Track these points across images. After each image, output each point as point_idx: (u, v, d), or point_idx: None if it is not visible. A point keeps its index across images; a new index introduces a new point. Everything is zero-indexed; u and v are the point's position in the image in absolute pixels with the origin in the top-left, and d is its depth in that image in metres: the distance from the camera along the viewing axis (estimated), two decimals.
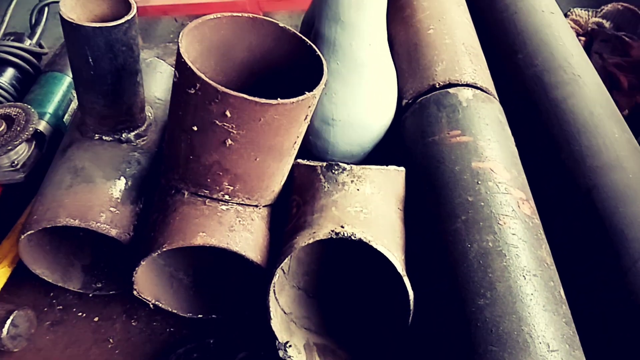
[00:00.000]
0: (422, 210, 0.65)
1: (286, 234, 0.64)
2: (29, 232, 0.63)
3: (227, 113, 0.53)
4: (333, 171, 0.64)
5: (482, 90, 0.75)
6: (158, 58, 0.89)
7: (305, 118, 0.58)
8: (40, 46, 1.08)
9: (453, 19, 0.87)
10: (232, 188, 0.62)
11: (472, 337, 0.51)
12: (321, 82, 0.57)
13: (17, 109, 0.82)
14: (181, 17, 1.76)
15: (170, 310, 0.68)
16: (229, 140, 0.56)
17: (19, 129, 0.79)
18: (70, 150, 0.70)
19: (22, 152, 0.82)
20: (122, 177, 0.68)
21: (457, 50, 0.80)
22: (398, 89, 0.79)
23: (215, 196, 0.62)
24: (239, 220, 0.63)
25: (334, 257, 0.69)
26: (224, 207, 0.63)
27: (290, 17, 3.29)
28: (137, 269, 0.61)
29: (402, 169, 0.68)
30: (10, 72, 0.98)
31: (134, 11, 0.63)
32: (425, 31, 0.84)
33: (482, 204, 0.60)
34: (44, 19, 1.09)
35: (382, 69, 0.74)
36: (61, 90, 0.94)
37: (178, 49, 0.54)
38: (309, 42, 0.62)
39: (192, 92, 0.53)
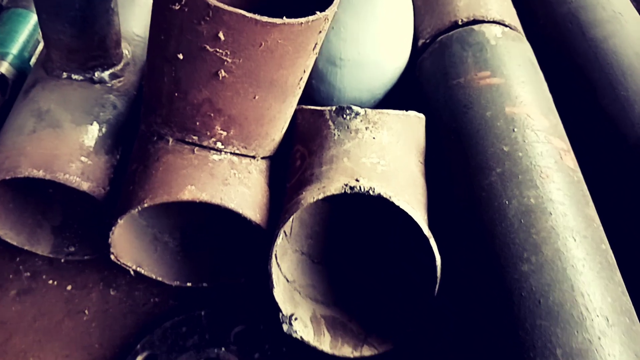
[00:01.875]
0: (447, 162, 0.56)
1: (289, 190, 0.55)
2: None
3: (221, 35, 0.43)
4: (344, 116, 0.55)
5: (510, 27, 0.66)
6: None
7: (315, 47, 0.48)
8: None
9: None
10: (225, 133, 0.52)
11: (516, 309, 0.43)
12: (334, 2, 0.47)
13: None
14: None
15: (154, 277, 0.59)
16: (223, 71, 0.46)
17: None
18: (34, 91, 0.60)
19: None
20: (94, 123, 0.58)
21: None
22: (414, 26, 0.69)
23: (205, 143, 0.53)
24: (234, 173, 0.53)
25: (341, 217, 0.60)
26: (216, 157, 0.53)
27: None
28: (113, 228, 0.52)
29: (422, 115, 0.59)
30: None
31: None
32: None
33: (520, 154, 0.51)
34: None
35: (398, 5, 0.63)
36: (27, 29, 0.82)
37: None
38: None
39: (177, 7, 0.43)
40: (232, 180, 0.52)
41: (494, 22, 0.65)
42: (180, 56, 0.46)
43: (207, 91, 0.48)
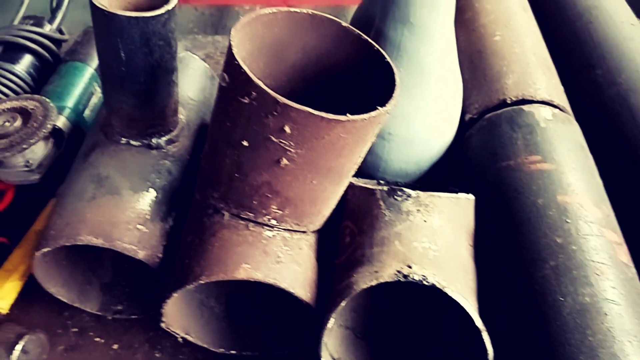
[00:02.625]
0: (496, 247, 0.57)
1: (338, 267, 0.56)
2: (45, 250, 0.55)
3: (286, 128, 0.45)
4: (396, 197, 0.56)
5: (559, 109, 0.66)
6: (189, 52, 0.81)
7: (372, 136, 0.50)
8: (61, 32, 0.99)
9: (521, 25, 0.77)
10: (280, 212, 0.53)
11: None
12: (394, 95, 0.48)
13: (35, 102, 0.74)
14: (201, 7, 1.68)
15: (200, 344, 0.60)
16: (285, 159, 0.47)
17: (35, 125, 0.71)
18: (94, 155, 0.62)
19: (38, 150, 0.73)
20: (150, 189, 0.60)
21: (529, 62, 0.71)
22: None
23: (260, 220, 0.54)
24: (286, 250, 0.54)
25: (387, 292, 0.60)
26: (269, 234, 0.54)
27: (315, 10, 3.19)
28: (167, 300, 0.53)
29: (472, 197, 0.59)
30: (28, 59, 0.89)
31: (174, 1, 0.54)
32: (491, 37, 0.75)
33: (574, 247, 0.51)
34: (65, 3, 1.00)
35: (449, 79, 0.65)
36: (82, 82, 0.85)
37: (230, 49, 0.45)
38: (377, 46, 0.53)
39: (246, 101, 0.45)
40: (284, 258, 0.53)
41: (543, 102, 0.66)
42: (245, 143, 0.47)
43: (267, 175, 0.49)
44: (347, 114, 0.44)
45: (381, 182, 0.70)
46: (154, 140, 0.63)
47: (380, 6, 0.61)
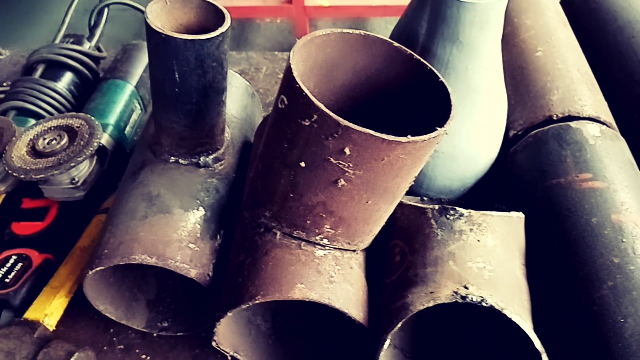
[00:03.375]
0: (549, 267, 0.56)
1: (389, 287, 0.56)
2: (98, 269, 0.55)
3: (346, 150, 0.45)
4: (448, 216, 0.55)
5: (606, 125, 0.66)
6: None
7: (428, 157, 0.50)
8: (99, 50, 1.01)
9: (562, 40, 0.77)
10: (333, 232, 0.53)
11: None
12: (451, 115, 0.48)
13: (80, 120, 0.75)
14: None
15: None
16: (342, 180, 0.47)
17: (82, 142, 0.72)
18: (143, 174, 0.63)
19: (83, 168, 0.74)
20: (200, 207, 0.61)
21: (573, 77, 0.71)
22: None
23: (312, 239, 0.54)
24: (338, 269, 0.54)
25: (435, 311, 0.60)
26: (320, 253, 0.54)
27: (334, 25, 3.22)
28: (221, 320, 0.53)
29: (522, 215, 0.59)
30: (68, 77, 0.91)
31: (228, 22, 0.55)
32: (532, 53, 0.75)
33: (632, 267, 0.50)
34: (103, 21, 1.02)
35: (496, 96, 0.65)
36: (123, 99, 0.87)
37: (290, 72, 0.46)
38: (430, 66, 0.53)
39: (306, 123, 0.45)
40: (336, 278, 0.53)
41: (589, 119, 0.65)
42: (303, 164, 0.48)
43: (323, 195, 0.49)
44: (408, 136, 0.44)
45: (424, 198, 0.70)
46: (202, 159, 0.64)
47: (427, 24, 0.61)
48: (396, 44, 0.54)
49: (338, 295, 0.52)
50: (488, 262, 0.53)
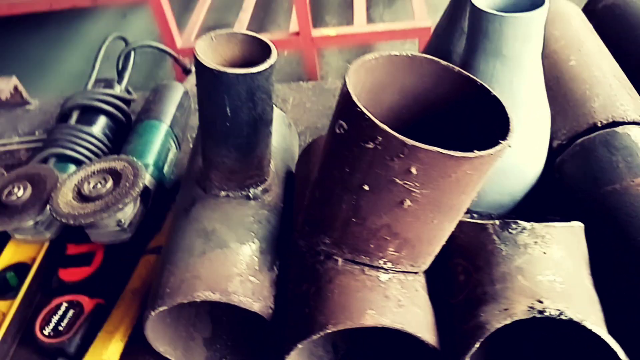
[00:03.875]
0: (616, 274, 0.55)
1: (457, 307, 0.55)
2: (162, 309, 0.55)
3: (413, 170, 0.45)
4: (510, 230, 0.55)
5: None
6: None
7: (491, 171, 0.49)
8: (128, 92, 1.03)
9: (593, 48, 0.78)
10: (397, 254, 0.53)
11: None
12: (511, 128, 0.48)
13: (123, 162, 0.76)
14: None
15: None
16: (408, 201, 0.47)
17: (127, 184, 0.73)
18: (195, 210, 0.63)
19: (128, 209, 0.75)
20: (255, 240, 0.60)
21: (611, 84, 0.71)
22: None
23: (375, 264, 0.53)
24: (405, 292, 0.53)
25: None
26: (385, 277, 0.54)
27: (340, 53, 3.26)
28: (292, 352, 0.52)
29: (582, 224, 0.58)
30: (103, 121, 0.93)
31: (275, 54, 0.56)
32: (566, 63, 0.75)
33: None
34: (130, 64, 1.04)
35: (539, 107, 0.64)
36: (160, 139, 0.88)
37: (348, 96, 0.46)
38: (480, 82, 0.53)
39: (370, 146, 0.45)
40: (405, 301, 0.52)
41: (634, 123, 0.65)
42: (366, 187, 0.48)
43: (387, 217, 0.49)
44: (475, 151, 0.44)
45: (474, 215, 0.69)
46: (252, 191, 0.64)
47: (467, 40, 0.62)
48: (444, 63, 0.54)
49: (409, 319, 0.51)
50: (558, 275, 0.52)
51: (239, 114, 0.56)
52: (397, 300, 0.52)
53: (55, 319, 0.70)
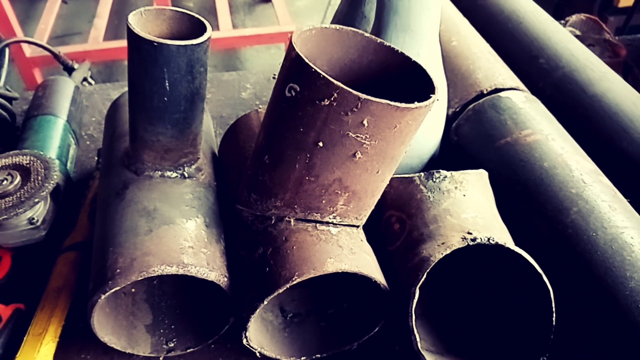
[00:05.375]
0: (519, 209, 0.65)
1: (397, 252, 0.61)
2: (115, 289, 0.53)
3: (365, 122, 0.50)
4: (434, 180, 0.62)
5: (526, 92, 0.79)
6: None
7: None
8: (7, 90, 0.94)
9: (469, 31, 0.90)
10: (345, 208, 0.57)
11: (637, 320, 0.51)
12: (436, 86, 0.55)
13: (28, 157, 0.71)
14: None
15: (274, 357, 0.60)
16: (359, 153, 0.52)
17: (39, 178, 0.68)
18: (130, 192, 0.61)
19: (39, 207, 0.70)
20: (199, 215, 0.61)
21: (489, 59, 0.83)
22: None
23: (326, 219, 0.57)
24: (353, 242, 0.58)
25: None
26: (335, 230, 0.58)
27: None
28: (254, 314, 0.54)
29: (486, 172, 0.68)
30: None
31: (210, 28, 0.57)
32: (449, 43, 0.87)
33: (588, 193, 0.61)
34: (6, 61, 0.96)
35: (440, 77, 0.74)
36: (58, 134, 0.83)
37: (300, 59, 0.50)
38: (401, 50, 0.60)
39: (325, 103, 0.49)
40: (356, 249, 0.57)
41: (512, 89, 0.77)
42: (320, 144, 0.51)
43: (339, 172, 0.53)
44: (415, 102, 0.50)
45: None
46: (186, 170, 0.64)
47: (377, 16, 0.69)
48: (367, 34, 0.60)
49: (363, 264, 0.56)
50: (477, 212, 0.60)
51: (178, 88, 0.56)
52: (350, 248, 0.57)
53: None
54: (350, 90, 0.48)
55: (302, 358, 0.62)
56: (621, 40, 1.13)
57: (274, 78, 1.08)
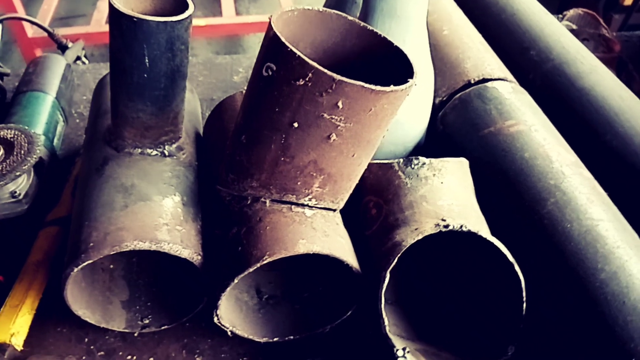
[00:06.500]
0: (498, 199, 0.65)
1: (373, 236, 0.61)
2: (87, 262, 0.53)
3: (340, 104, 0.50)
4: (412, 166, 0.62)
5: (513, 83, 0.78)
6: None
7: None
8: None
9: (461, 20, 0.90)
10: (321, 190, 0.57)
11: (606, 310, 0.51)
12: (415, 70, 0.55)
13: (13, 131, 0.71)
14: None
15: (246, 336, 0.61)
16: (334, 135, 0.52)
17: (22, 152, 0.68)
18: (109, 169, 0.61)
19: (22, 180, 0.70)
20: (177, 193, 0.61)
21: (479, 48, 0.83)
22: None
23: (301, 201, 0.58)
24: (328, 225, 0.58)
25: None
26: (309, 212, 0.58)
27: (209, 45, 3.21)
28: (224, 293, 0.54)
29: (466, 160, 0.68)
30: None
31: (192, 6, 0.57)
32: (440, 32, 0.86)
33: (566, 184, 0.61)
34: (0, 37, 0.96)
35: (426, 64, 0.73)
36: (46, 110, 0.83)
37: (277, 38, 0.50)
38: (383, 35, 0.60)
39: (300, 83, 0.49)
40: (330, 232, 0.57)
41: (499, 79, 0.77)
42: (296, 125, 0.51)
43: (314, 153, 0.53)
44: (392, 85, 0.50)
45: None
46: (167, 148, 0.64)
47: (365, 3, 0.68)
48: (351, 18, 0.60)
49: (336, 247, 0.56)
50: (454, 199, 0.60)
51: (158, 65, 0.56)
52: (323, 231, 0.57)
53: None
54: (325, 70, 0.48)
55: (275, 339, 0.62)
56: (618, 36, 1.12)
57: None
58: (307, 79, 0.49)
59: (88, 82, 1.02)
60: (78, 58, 1.07)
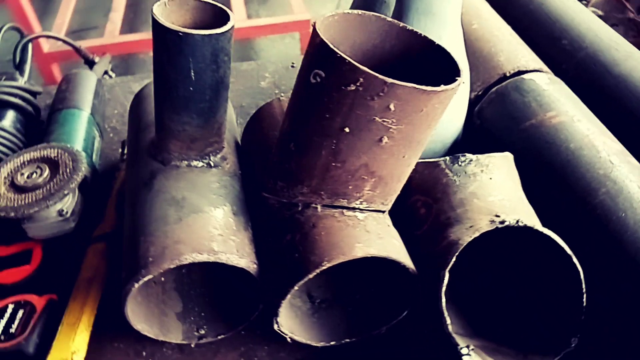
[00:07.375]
0: (546, 191, 0.65)
1: (424, 237, 0.61)
2: (148, 277, 0.54)
3: (391, 107, 0.50)
4: (460, 163, 0.62)
5: (549, 74, 0.78)
6: None
7: None
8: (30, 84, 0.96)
9: (490, 14, 0.89)
10: (372, 193, 0.57)
11: None
12: (461, 68, 0.55)
13: (56, 150, 0.72)
14: None
15: (304, 342, 0.61)
16: (385, 137, 0.52)
17: (68, 170, 0.69)
18: (158, 182, 0.62)
19: (68, 198, 0.71)
20: (226, 203, 0.61)
21: (510, 41, 0.82)
22: None
23: (352, 205, 0.58)
24: (380, 227, 0.58)
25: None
26: (361, 216, 0.58)
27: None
28: (287, 297, 0.55)
29: (511, 154, 0.67)
30: (11, 115, 0.86)
31: (232, 16, 0.57)
32: (470, 26, 0.86)
33: (616, 174, 0.61)
34: (29, 56, 0.98)
35: (463, 61, 0.73)
36: (83, 127, 0.84)
37: (325, 45, 0.50)
38: (423, 34, 0.60)
39: (351, 89, 0.49)
40: (383, 234, 0.57)
41: (535, 70, 0.77)
42: (347, 130, 0.52)
43: (366, 157, 0.54)
44: (442, 85, 0.50)
45: None
46: (212, 159, 0.65)
47: (398, 2, 0.68)
48: (389, 19, 0.60)
49: (391, 249, 0.56)
50: (504, 195, 0.60)
51: (203, 77, 0.57)
52: (377, 233, 0.57)
53: (2, 322, 0.64)
54: (377, 74, 0.48)
55: (332, 342, 0.63)
56: None
57: (292, 67, 1.08)
58: (358, 84, 0.49)
59: (118, 96, 1.03)
60: (105, 72, 1.08)
